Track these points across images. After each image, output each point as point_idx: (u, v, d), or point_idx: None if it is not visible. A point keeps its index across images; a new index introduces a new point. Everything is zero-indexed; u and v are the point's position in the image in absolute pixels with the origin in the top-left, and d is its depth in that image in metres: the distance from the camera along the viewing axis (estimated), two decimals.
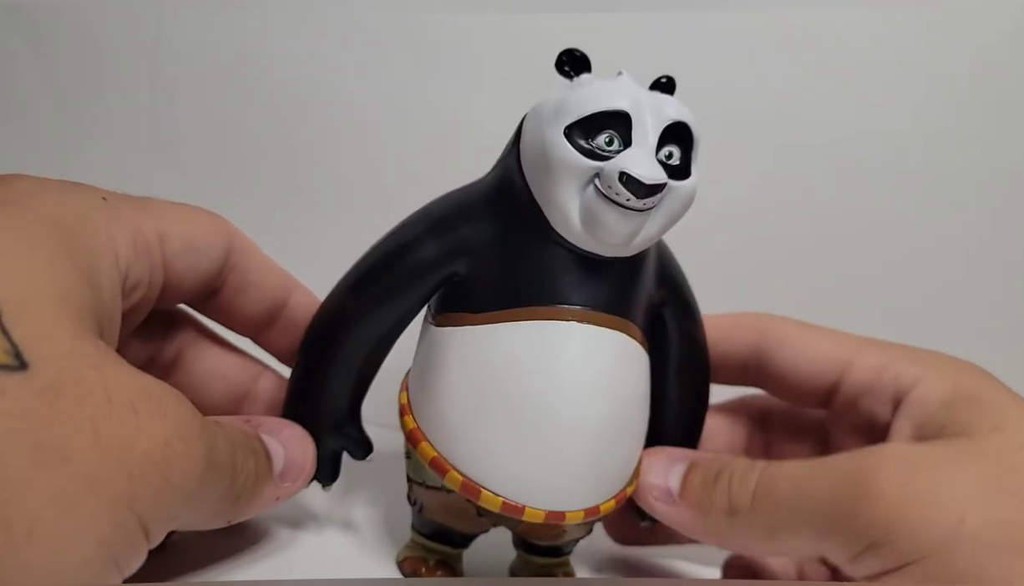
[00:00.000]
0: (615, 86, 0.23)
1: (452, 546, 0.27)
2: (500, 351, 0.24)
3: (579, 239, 0.23)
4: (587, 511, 0.24)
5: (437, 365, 0.25)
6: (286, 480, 0.24)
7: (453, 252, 0.24)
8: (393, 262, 0.25)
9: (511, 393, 0.23)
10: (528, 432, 0.23)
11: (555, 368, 0.23)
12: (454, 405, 0.24)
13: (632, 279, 0.25)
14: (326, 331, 0.25)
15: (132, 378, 0.19)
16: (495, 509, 0.23)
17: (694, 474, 0.26)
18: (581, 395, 0.23)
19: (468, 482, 0.24)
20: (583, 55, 0.23)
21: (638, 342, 0.25)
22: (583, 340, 0.23)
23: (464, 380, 0.24)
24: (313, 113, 0.40)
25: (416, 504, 0.26)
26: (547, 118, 0.23)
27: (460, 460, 0.24)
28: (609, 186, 0.22)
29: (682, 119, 0.23)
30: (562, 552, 0.28)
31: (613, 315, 0.24)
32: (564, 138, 0.22)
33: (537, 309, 0.23)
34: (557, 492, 0.24)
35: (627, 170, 0.21)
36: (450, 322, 0.25)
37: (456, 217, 0.25)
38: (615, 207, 0.22)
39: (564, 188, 0.22)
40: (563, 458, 0.23)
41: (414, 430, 0.25)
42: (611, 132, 0.22)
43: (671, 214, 0.23)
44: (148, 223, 0.23)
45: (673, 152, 0.23)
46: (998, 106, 0.34)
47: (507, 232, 0.24)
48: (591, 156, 0.22)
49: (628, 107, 0.22)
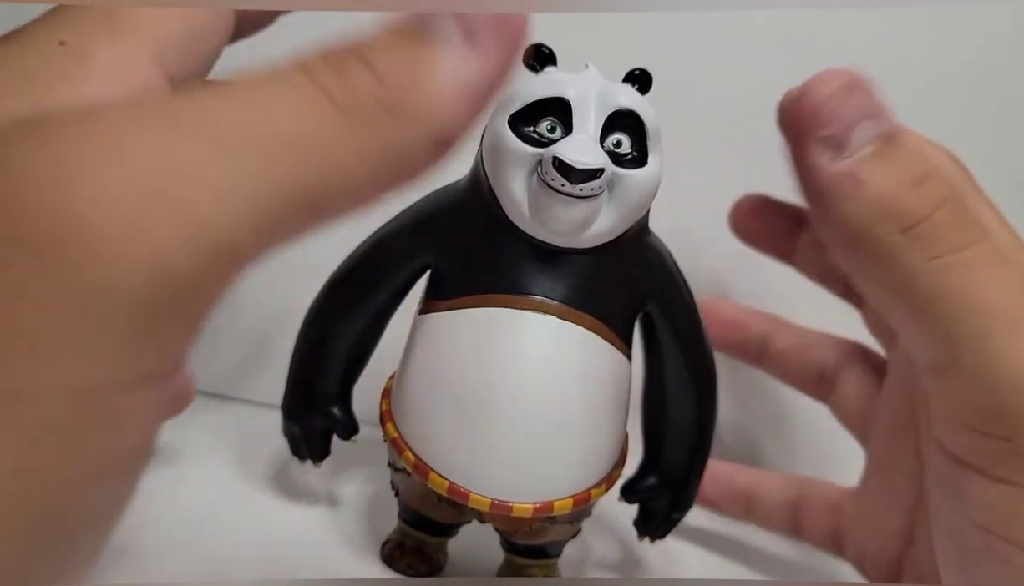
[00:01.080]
0: (565, 76, 0.23)
1: (430, 534, 0.27)
2: (453, 336, 0.24)
3: (531, 228, 0.23)
4: (538, 507, 0.24)
5: (408, 350, 0.26)
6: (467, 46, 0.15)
7: (426, 243, 0.25)
8: (373, 254, 0.26)
9: (458, 378, 0.24)
10: (473, 417, 0.23)
11: (502, 356, 0.23)
12: (411, 387, 0.25)
13: (597, 273, 0.24)
14: (317, 319, 0.27)
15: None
16: (442, 492, 0.24)
17: (896, 150, 0.20)
18: (526, 384, 0.23)
19: (419, 463, 0.24)
20: (550, 50, 0.24)
21: (600, 336, 0.24)
22: (535, 330, 0.23)
23: (421, 363, 0.25)
24: None
25: (394, 488, 0.27)
26: (497, 109, 0.23)
27: (414, 441, 0.24)
28: (546, 172, 0.22)
29: (629, 107, 0.22)
30: (547, 554, 0.27)
31: (570, 307, 0.24)
32: (508, 127, 0.23)
33: (494, 297, 0.24)
34: (503, 481, 0.24)
35: (559, 155, 0.21)
36: (425, 309, 0.26)
37: (434, 210, 0.26)
38: (555, 194, 0.22)
39: (512, 177, 0.23)
40: (507, 447, 0.23)
41: (384, 411, 0.26)
42: (552, 119, 0.22)
43: (628, 205, 0.23)
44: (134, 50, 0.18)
45: (622, 141, 0.23)
46: (998, 106, 0.33)
47: (474, 223, 0.25)
48: (533, 143, 0.22)
49: (570, 95, 0.22)
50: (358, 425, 0.28)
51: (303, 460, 0.29)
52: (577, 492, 0.24)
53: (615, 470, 0.26)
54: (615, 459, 0.26)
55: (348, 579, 0.27)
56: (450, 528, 0.27)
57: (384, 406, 0.26)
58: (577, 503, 0.24)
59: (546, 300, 0.24)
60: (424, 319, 0.25)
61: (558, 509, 0.24)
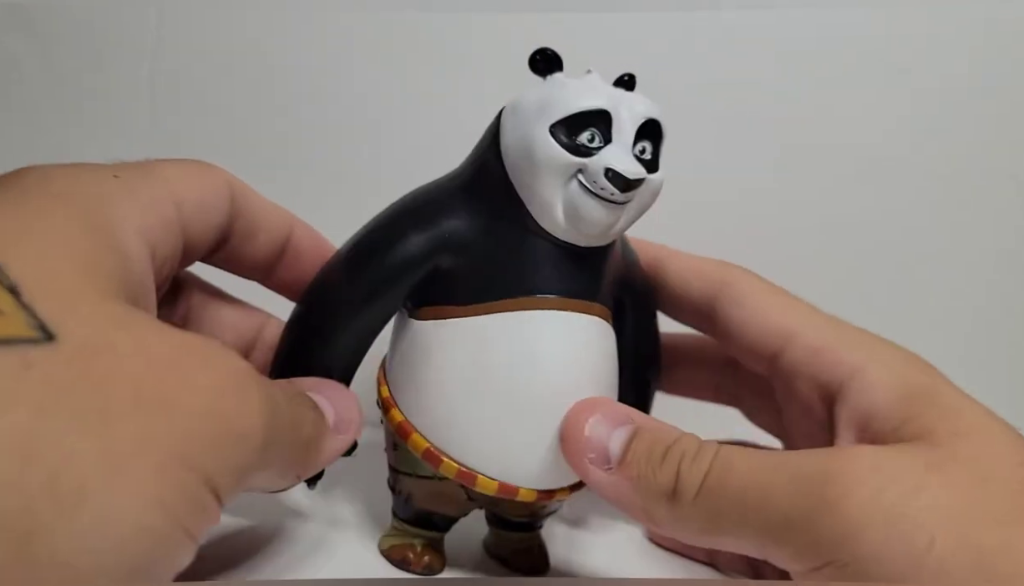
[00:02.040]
0: (592, 85, 0.24)
1: (436, 530, 0.27)
2: (487, 343, 0.24)
3: (560, 231, 0.24)
4: (571, 487, 0.26)
5: (423, 358, 0.25)
6: (339, 433, 0.24)
7: (437, 246, 0.25)
8: (381, 259, 0.25)
9: (500, 383, 0.24)
10: (517, 418, 0.24)
11: (538, 356, 0.24)
12: (445, 397, 0.25)
13: (603, 265, 0.26)
14: (313, 330, 0.25)
15: (168, 334, 0.18)
16: (491, 493, 0.24)
17: (639, 442, 0.23)
18: (563, 379, 0.25)
19: (464, 470, 0.24)
20: (555, 54, 0.24)
21: (608, 323, 0.26)
22: (564, 327, 0.25)
23: (454, 373, 0.25)
24: (313, 112, 0.40)
25: (402, 493, 0.27)
26: (531, 116, 0.23)
27: (454, 449, 0.25)
28: (594, 181, 0.23)
29: (654, 116, 0.24)
30: (534, 527, 0.29)
31: (588, 301, 0.25)
32: (550, 136, 0.23)
33: (520, 300, 0.24)
34: (548, 471, 0.25)
35: (612, 166, 0.23)
36: (433, 315, 0.25)
37: (437, 211, 0.25)
38: (599, 201, 0.23)
39: (548, 183, 0.23)
40: (552, 441, 0.25)
41: (403, 423, 0.25)
42: (593, 129, 0.23)
43: (642, 206, 0.25)
44: (162, 193, 0.23)
45: (646, 147, 0.24)
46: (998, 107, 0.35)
47: (488, 226, 0.25)
48: (575, 152, 0.23)
49: (608, 106, 0.23)
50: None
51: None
52: (578, 480, 0.26)
53: None
54: None
55: (348, 579, 0.27)
56: (454, 521, 0.28)
57: (399, 417, 0.25)
58: (573, 489, 0.26)
59: (569, 298, 0.25)
60: (440, 326, 0.25)
61: (559, 494, 0.26)
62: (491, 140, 0.25)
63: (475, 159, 0.26)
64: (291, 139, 0.40)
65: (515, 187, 0.24)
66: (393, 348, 0.27)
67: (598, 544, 0.32)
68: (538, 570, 0.28)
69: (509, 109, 0.25)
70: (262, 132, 0.40)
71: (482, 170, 0.25)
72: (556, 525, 0.32)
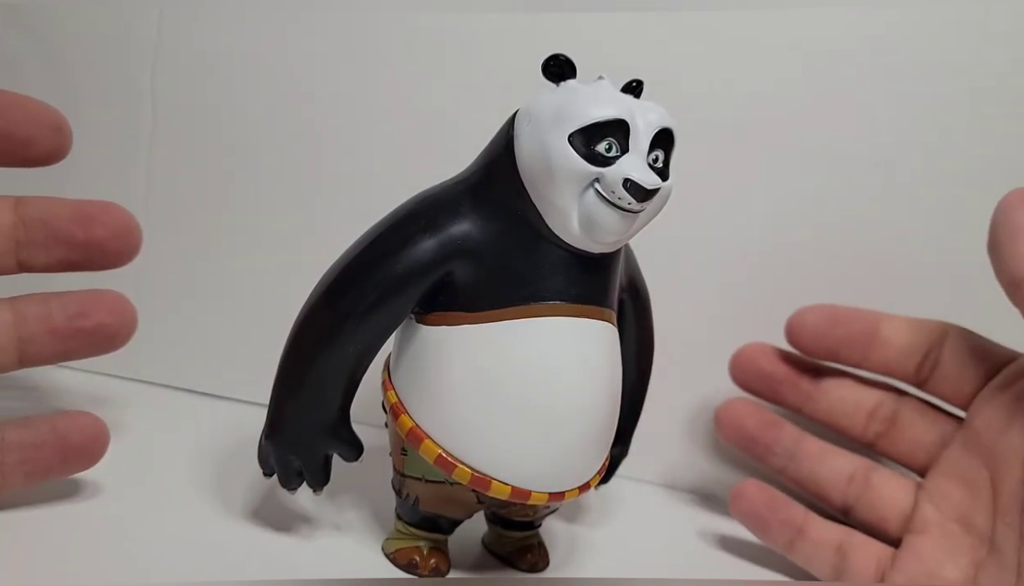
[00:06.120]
0: (608, 94, 0.24)
1: (441, 532, 0.28)
2: (501, 350, 0.24)
3: (574, 238, 0.24)
4: (581, 488, 0.26)
5: (435, 365, 0.25)
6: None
7: (449, 252, 0.25)
8: (391, 264, 0.25)
9: (514, 389, 0.24)
10: (532, 424, 0.24)
11: (552, 362, 0.25)
12: (457, 404, 0.25)
13: (612, 271, 0.26)
14: (319, 339, 0.25)
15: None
16: (504, 497, 0.25)
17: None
18: (576, 385, 0.25)
19: (478, 476, 0.25)
20: (569, 60, 0.24)
21: (615, 328, 0.26)
22: (577, 334, 0.25)
23: (467, 379, 0.25)
24: (313, 114, 0.39)
25: (408, 497, 0.27)
26: (547, 124, 0.23)
27: (468, 455, 0.25)
28: (612, 191, 0.23)
29: (667, 126, 0.24)
30: (535, 525, 0.29)
31: (599, 307, 0.26)
32: (568, 145, 0.23)
33: (533, 307, 0.25)
34: (560, 474, 0.25)
35: (630, 176, 0.23)
36: (444, 321, 0.25)
37: (447, 216, 0.25)
38: (615, 210, 0.23)
39: (565, 191, 0.24)
40: (564, 445, 0.25)
41: (413, 429, 0.25)
42: (611, 139, 0.23)
43: (652, 213, 0.25)
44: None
45: (659, 156, 0.25)
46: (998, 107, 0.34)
47: (500, 231, 0.25)
48: (594, 162, 0.23)
49: (626, 116, 0.23)
50: (363, 445, 0.26)
51: (294, 490, 0.26)
52: (601, 465, 0.27)
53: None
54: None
55: (348, 579, 0.27)
56: (459, 523, 0.28)
57: (409, 423, 0.25)
58: (582, 490, 0.26)
59: (580, 304, 0.25)
60: (451, 332, 0.25)
61: (593, 485, 0.26)
62: (504, 146, 0.25)
63: (485, 163, 0.25)
64: (292, 139, 0.39)
65: (529, 194, 0.24)
66: (399, 353, 0.27)
67: (598, 543, 0.32)
68: (539, 567, 0.29)
69: (523, 115, 0.24)
70: (263, 133, 0.39)
71: (493, 175, 0.25)
72: (556, 524, 0.33)
